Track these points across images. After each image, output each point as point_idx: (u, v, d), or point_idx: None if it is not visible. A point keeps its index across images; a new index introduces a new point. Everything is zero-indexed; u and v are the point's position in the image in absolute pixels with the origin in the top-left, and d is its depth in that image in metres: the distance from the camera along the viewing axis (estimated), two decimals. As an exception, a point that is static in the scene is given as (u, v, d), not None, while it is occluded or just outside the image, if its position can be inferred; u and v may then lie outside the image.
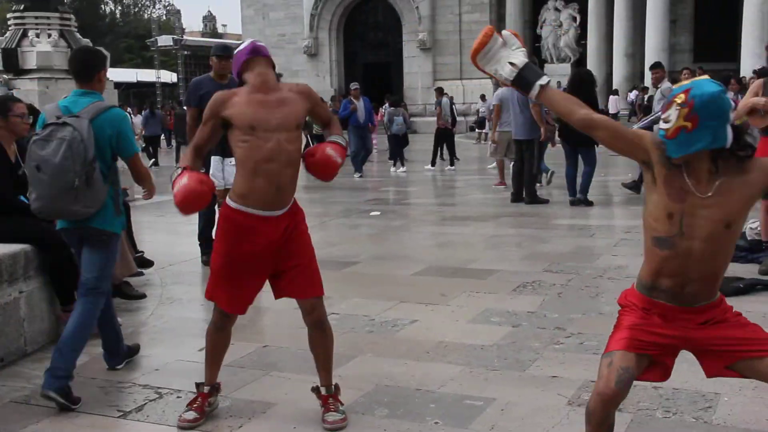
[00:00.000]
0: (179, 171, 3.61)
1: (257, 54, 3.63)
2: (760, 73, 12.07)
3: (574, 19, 32.96)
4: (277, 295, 3.83)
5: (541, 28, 33.69)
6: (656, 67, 12.28)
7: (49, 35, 11.57)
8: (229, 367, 4.51)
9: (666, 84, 11.41)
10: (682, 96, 2.58)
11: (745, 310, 5.52)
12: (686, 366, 4.15)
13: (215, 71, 7.13)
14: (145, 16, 69.55)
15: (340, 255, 7.81)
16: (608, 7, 30.58)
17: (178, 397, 4.13)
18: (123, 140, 4.21)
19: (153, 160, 21.67)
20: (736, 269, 6.43)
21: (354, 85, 17.05)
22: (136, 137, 13.02)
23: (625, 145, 2.73)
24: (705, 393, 3.91)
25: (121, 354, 4.67)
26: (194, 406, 3.78)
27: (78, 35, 12.07)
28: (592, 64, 29.96)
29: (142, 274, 6.65)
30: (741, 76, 22.87)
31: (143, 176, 4.50)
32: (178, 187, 3.54)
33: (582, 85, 10.60)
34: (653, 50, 28.07)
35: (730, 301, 5.37)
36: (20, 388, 4.35)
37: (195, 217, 7.79)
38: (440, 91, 19.75)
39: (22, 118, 5.08)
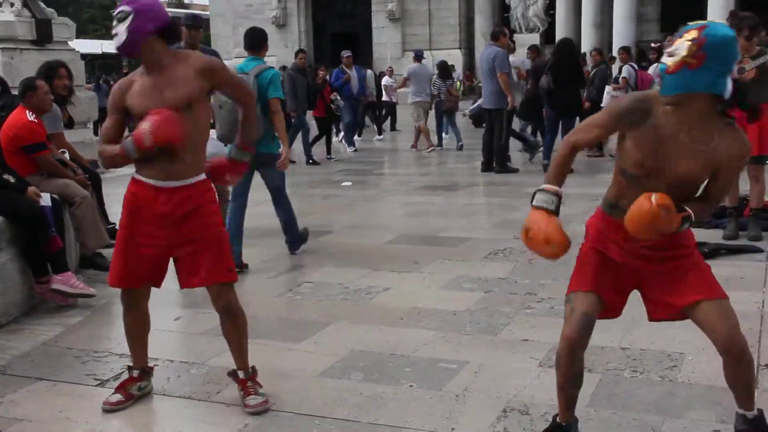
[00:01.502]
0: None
1: (154, 33, 3.37)
2: (658, 50, 12.78)
3: (543, -12, 33.00)
4: (181, 282, 3.56)
5: (510, -3, 33.68)
6: (624, 50, 12.77)
7: (12, 4, 11.36)
8: (205, 335, 4.58)
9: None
10: (695, 32, 2.54)
11: (710, 273, 5.63)
12: (653, 327, 4.26)
13: (185, 41, 7.09)
14: (110, -16, 68.35)
15: (314, 225, 7.82)
16: (576, -24, 30.68)
17: (155, 364, 4.15)
18: (272, 87, 6.05)
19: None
20: (701, 234, 6.56)
21: (346, 53, 15.54)
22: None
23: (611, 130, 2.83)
24: (670, 353, 4.02)
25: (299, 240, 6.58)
26: (122, 390, 3.67)
27: (42, 5, 11.86)
28: (561, 33, 29.91)
29: (113, 245, 6.63)
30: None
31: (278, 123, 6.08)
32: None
33: (565, 54, 10.81)
34: (621, 20, 28.22)
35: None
36: (-4, 358, 4.37)
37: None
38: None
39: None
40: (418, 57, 15.68)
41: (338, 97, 14.18)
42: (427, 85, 14.94)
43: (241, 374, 3.62)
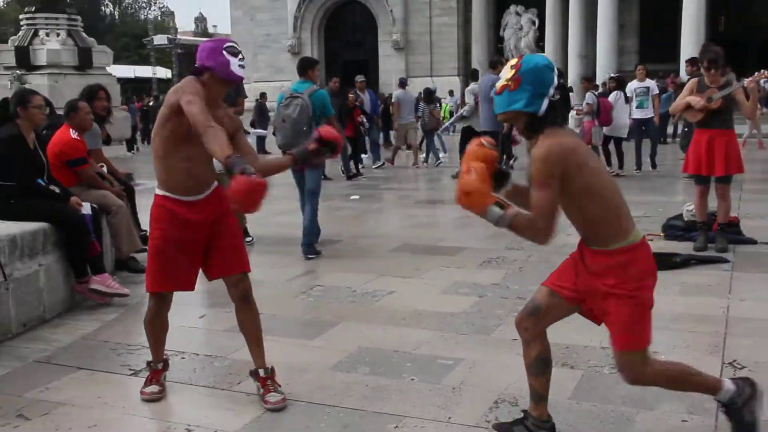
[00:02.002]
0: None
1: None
2: (617, 79, 12.92)
3: (533, 22, 33.08)
4: (209, 275, 3.62)
5: (504, 30, 33.79)
6: (585, 79, 13.27)
7: (58, 34, 11.50)
8: (227, 332, 4.61)
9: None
10: (516, 60, 2.73)
11: (681, 281, 5.71)
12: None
13: None
14: (141, 17, 68.63)
15: (324, 234, 7.86)
16: (564, 12, 30.72)
17: (182, 357, 4.21)
18: (325, 107, 6.74)
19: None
20: (674, 246, 6.61)
21: (359, 78, 15.59)
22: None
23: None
24: (646, 352, 4.04)
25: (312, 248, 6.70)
26: (153, 381, 3.71)
27: (84, 35, 11.98)
28: (549, 63, 30.13)
29: (146, 250, 6.68)
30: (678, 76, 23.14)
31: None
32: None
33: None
34: (604, 52, 28.29)
35: (668, 274, 5.56)
36: (42, 349, 4.41)
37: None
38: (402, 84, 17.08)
39: (39, 108, 5.11)
40: (403, 84, 15.90)
41: (364, 119, 14.36)
42: (413, 109, 15.16)
43: (261, 372, 3.61)
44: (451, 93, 29.18)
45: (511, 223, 2.69)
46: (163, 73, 53.13)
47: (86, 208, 5.35)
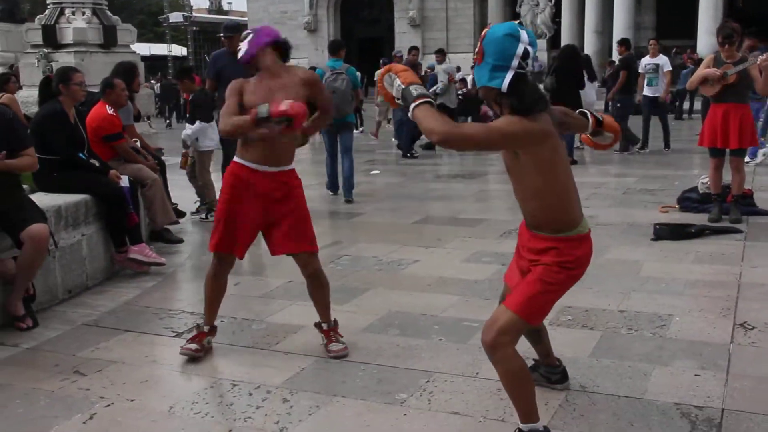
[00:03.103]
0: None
1: (270, 45, 3.76)
2: (621, 42, 13.16)
3: (550, -1, 32.94)
4: (273, 250, 3.84)
5: (520, 6, 33.57)
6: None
7: (84, 13, 11.69)
8: (261, 298, 4.86)
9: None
10: (485, 30, 2.58)
11: (696, 250, 5.91)
12: (647, 294, 4.54)
13: (227, 48, 7.36)
14: (157, -6, 68.49)
15: (348, 207, 8.11)
16: (580, -12, 30.62)
17: (221, 321, 4.42)
18: (354, 79, 8.56)
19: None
20: (689, 218, 6.79)
21: (383, 60, 15.94)
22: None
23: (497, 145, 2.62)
24: (661, 315, 4.26)
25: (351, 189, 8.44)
26: (196, 340, 3.90)
27: (109, 13, 12.19)
28: (566, 40, 29.89)
29: (179, 222, 6.94)
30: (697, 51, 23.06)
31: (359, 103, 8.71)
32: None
33: (570, 59, 10.96)
34: (620, 28, 28.14)
35: (684, 243, 5.75)
36: (88, 314, 4.66)
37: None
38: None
39: (80, 85, 5.33)
40: (385, 64, 15.87)
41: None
42: None
43: (324, 326, 3.95)
44: (458, 68, 29.11)
45: (418, 107, 2.51)
46: (179, 50, 53.22)
47: (124, 181, 5.57)
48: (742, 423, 2.99)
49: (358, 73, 9.35)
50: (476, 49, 2.58)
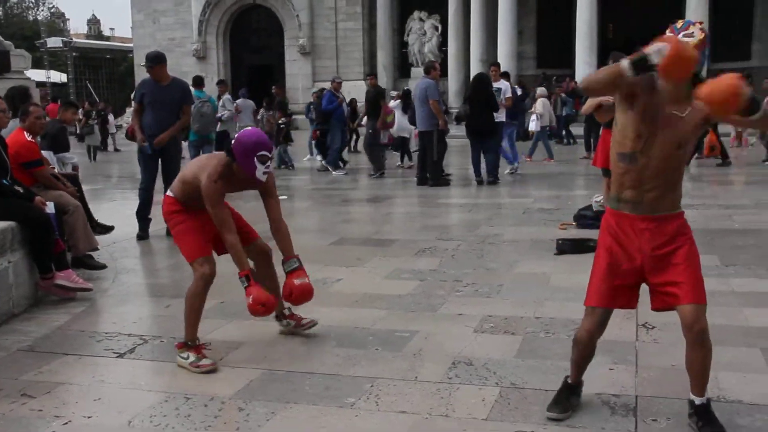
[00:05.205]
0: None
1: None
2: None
3: (436, 28, 34.02)
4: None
5: (408, 35, 34.62)
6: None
7: (-25, 37, 11.35)
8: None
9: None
10: (699, 24, 2.93)
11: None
12: (559, 302, 4.96)
13: (150, 76, 7.45)
14: (30, 18, 65.91)
15: (261, 231, 8.26)
16: (465, 19, 31.80)
17: (161, 341, 4.56)
18: (214, 107, 12.77)
19: None
20: (586, 233, 7.33)
21: (337, 78, 15.15)
22: None
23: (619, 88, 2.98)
24: (573, 319, 4.65)
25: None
26: (200, 354, 4.10)
27: (0, 38, 11.90)
28: (452, 68, 31.18)
29: (98, 249, 6.91)
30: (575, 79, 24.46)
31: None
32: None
33: (480, 85, 11.74)
34: (504, 57, 29.45)
35: (584, 256, 6.25)
36: (21, 340, 4.66)
37: (134, 200, 8.09)
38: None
39: (4, 112, 5.34)
40: (243, 95, 16.44)
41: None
42: (251, 114, 15.96)
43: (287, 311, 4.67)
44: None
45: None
46: (58, 77, 51.43)
47: (50, 207, 5.58)
48: (654, 406, 3.44)
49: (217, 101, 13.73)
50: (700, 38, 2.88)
